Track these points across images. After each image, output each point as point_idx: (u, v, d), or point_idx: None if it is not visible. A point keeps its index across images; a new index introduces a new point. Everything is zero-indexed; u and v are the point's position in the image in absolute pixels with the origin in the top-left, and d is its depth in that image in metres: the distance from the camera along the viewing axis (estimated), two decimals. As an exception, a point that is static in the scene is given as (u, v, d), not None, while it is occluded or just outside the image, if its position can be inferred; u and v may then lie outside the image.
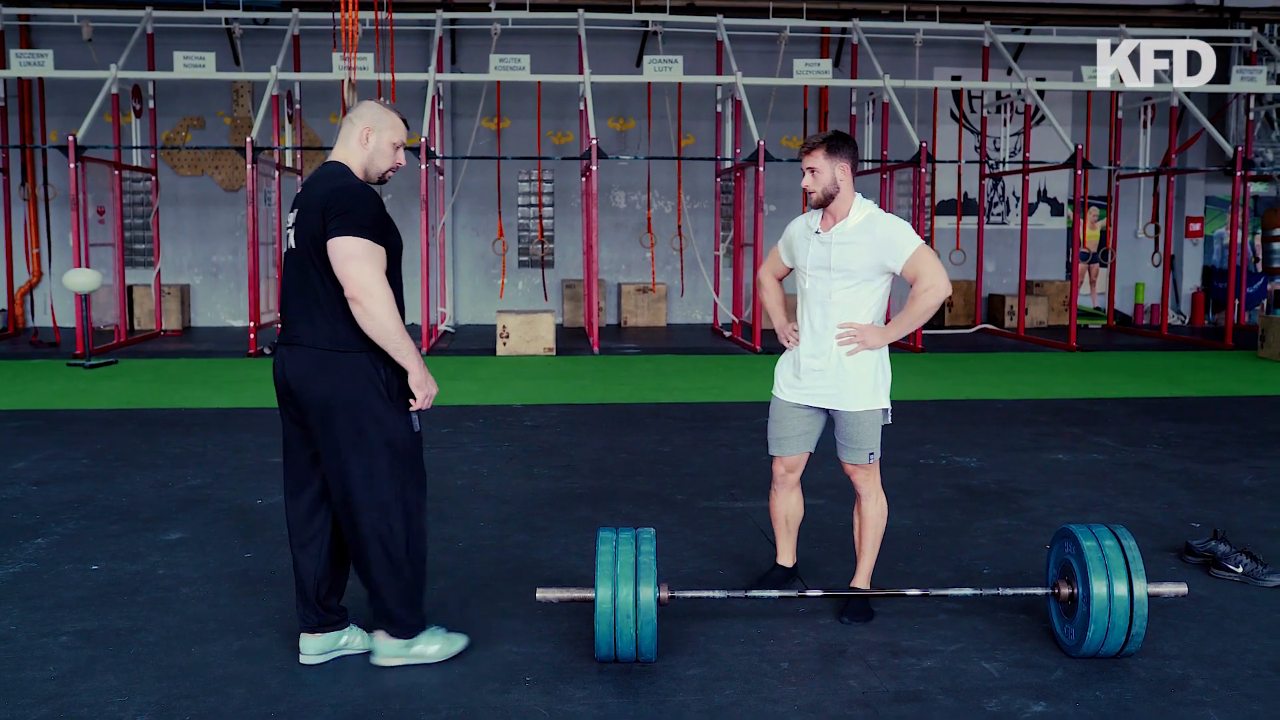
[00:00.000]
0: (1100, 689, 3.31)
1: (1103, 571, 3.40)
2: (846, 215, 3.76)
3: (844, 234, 3.74)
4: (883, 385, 3.84)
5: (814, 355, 3.82)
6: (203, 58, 12.89)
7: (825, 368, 3.79)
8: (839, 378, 3.78)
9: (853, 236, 3.73)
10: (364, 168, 3.40)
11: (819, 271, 3.79)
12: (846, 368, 3.76)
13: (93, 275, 10.91)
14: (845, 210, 3.77)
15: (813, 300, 3.83)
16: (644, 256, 15.82)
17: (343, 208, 3.19)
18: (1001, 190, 16.71)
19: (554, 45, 15.25)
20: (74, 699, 3.20)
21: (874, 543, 3.97)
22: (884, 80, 13.54)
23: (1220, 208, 16.64)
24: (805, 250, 3.86)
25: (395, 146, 3.42)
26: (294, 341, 3.32)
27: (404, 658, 3.45)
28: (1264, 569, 4.32)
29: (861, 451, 3.85)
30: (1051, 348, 13.11)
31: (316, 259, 3.24)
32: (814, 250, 3.81)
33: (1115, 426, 7.80)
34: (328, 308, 3.25)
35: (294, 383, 3.31)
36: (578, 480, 6.07)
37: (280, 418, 3.47)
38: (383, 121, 3.39)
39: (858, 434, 3.83)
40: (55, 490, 5.75)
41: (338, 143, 3.44)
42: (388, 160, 3.43)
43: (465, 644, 3.55)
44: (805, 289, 3.87)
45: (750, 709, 3.17)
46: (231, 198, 15.52)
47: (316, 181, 3.34)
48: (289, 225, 3.37)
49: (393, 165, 3.46)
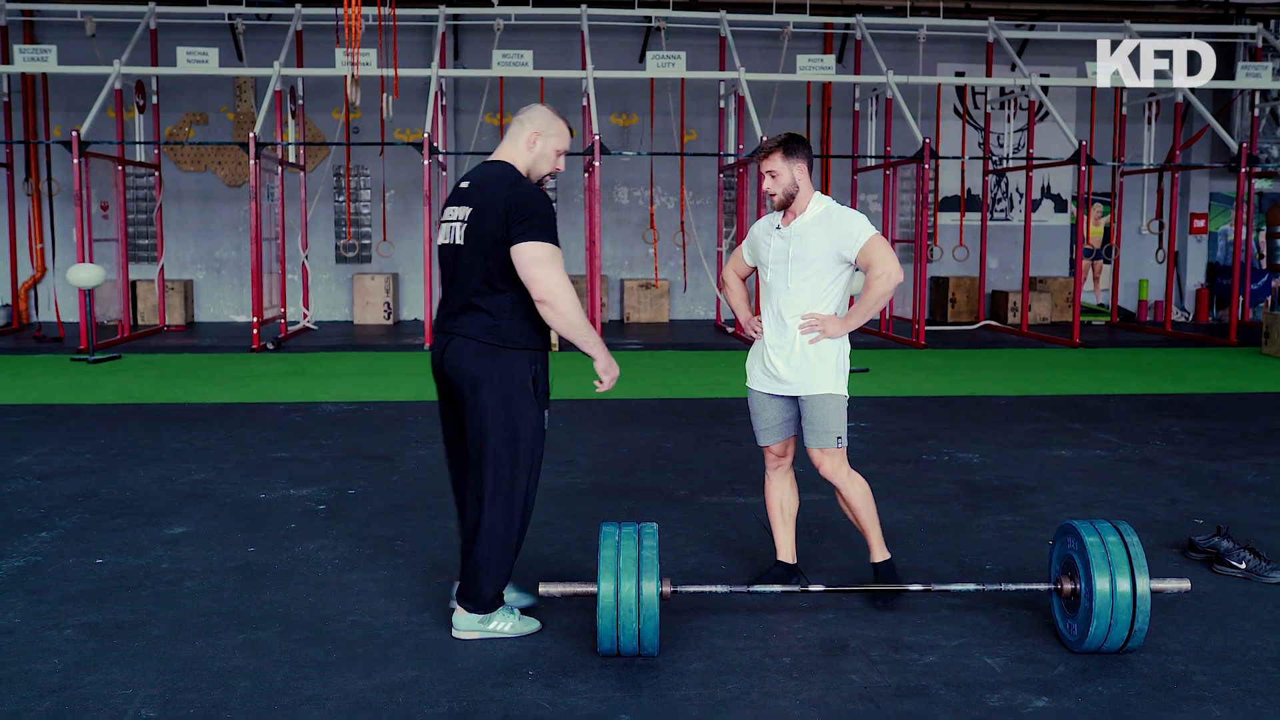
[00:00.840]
0: (1103, 684, 3.32)
1: (1105, 567, 3.40)
2: (805, 210, 3.93)
3: (802, 227, 3.91)
4: (845, 372, 3.97)
5: (777, 346, 3.95)
6: (206, 53, 12.89)
7: (789, 357, 3.92)
8: (802, 365, 3.90)
9: (810, 229, 3.89)
10: (527, 169, 3.60)
11: (779, 265, 3.95)
12: (809, 355, 3.89)
13: (96, 270, 10.92)
14: (804, 206, 3.93)
15: (775, 292, 3.98)
16: (646, 252, 15.82)
17: (526, 213, 3.42)
18: (1005, 186, 16.69)
19: (557, 41, 15.24)
20: (78, 691, 3.21)
21: (871, 517, 4.05)
22: (887, 76, 13.52)
23: (1225, 204, 16.61)
24: (768, 246, 4.01)
25: (558, 153, 3.62)
26: (455, 333, 3.54)
27: (480, 632, 3.62)
28: (1267, 565, 4.31)
29: (829, 434, 3.91)
30: (1055, 344, 13.10)
31: (493, 259, 3.46)
32: (775, 245, 3.97)
33: (1118, 423, 7.79)
34: (495, 305, 3.49)
35: (449, 368, 3.56)
36: (580, 476, 6.08)
37: (439, 402, 3.75)
38: (550, 129, 3.60)
39: (823, 417, 3.91)
40: (59, 484, 5.76)
41: (505, 141, 3.63)
42: (549, 165, 3.62)
43: (537, 628, 3.70)
44: (768, 282, 4.02)
45: (752, 703, 3.18)
46: (235, 193, 15.53)
47: (489, 182, 3.53)
48: (455, 220, 3.55)
49: (553, 170, 3.64)
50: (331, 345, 12.66)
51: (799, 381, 3.91)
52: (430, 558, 4.53)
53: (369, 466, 6.24)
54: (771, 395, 4.03)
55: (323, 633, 3.70)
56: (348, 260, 15.79)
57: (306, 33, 14.75)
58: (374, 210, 15.75)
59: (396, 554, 4.59)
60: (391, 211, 15.51)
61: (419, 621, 3.80)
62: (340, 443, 6.94)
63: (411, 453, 6.63)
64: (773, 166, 3.90)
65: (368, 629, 3.73)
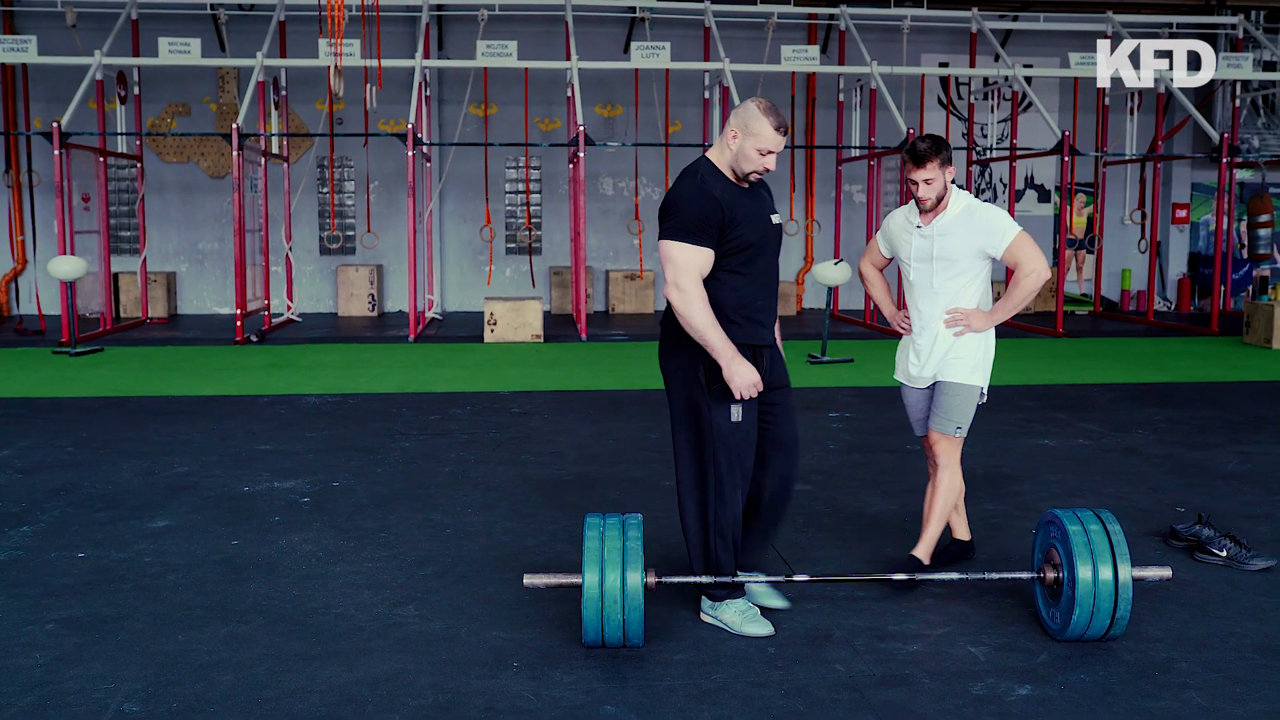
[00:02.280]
0: (1085, 672, 3.33)
1: (1088, 556, 3.42)
2: (946, 208, 3.96)
3: (944, 226, 3.94)
4: (983, 366, 4.07)
5: (922, 340, 4.08)
6: (188, 44, 12.81)
7: (932, 349, 4.04)
8: (945, 354, 4.02)
9: (952, 228, 3.93)
10: (730, 166, 3.55)
11: (922, 264, 4.01)
12: (951, 346, 4.01)
13: (78, 263, 10.86)
14: (945, 204, 3.96)
15: (918, 290, 4.05)
16: (632, 243, 15.80)
17: (671, 210, 3.50)
18: (989, 177, 16.73)
19: (541, 31, 15.20)
20: (60, 686, 3.19)
21: (940, 516, 4.13)
22: (871, 67, 13.53)
23: (1206, 194, 16.69)
24: (907, 244, 4.06)
25: (760, 153, 3.49)
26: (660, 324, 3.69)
27: (711, 618, 3.69)
28: (1247, 553, 4.34)
29: (950, 423, 4.05)
30: (1038, 334, 13.15)
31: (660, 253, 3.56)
32: (916, 244, 4.02)
33: (1101, 412, 7.83)
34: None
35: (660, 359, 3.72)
36: (565, 466, 6.08)
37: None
38: (750, 128, 3.48)
39: (949, 404, 4.04)
40: (41, 478, 5.73)
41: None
42: (751, 165, 3.52)
43: (765, 633, 3.60)
44: (911, 280, 4.08)
45: (737, 693, 3.18)
46: (217, 185, 15.45)
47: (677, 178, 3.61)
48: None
49: (758, 169, 3.53)
50: (315, 337, 12.62)
51: (939, 368, 4.05)
52: (414, 550, 4.52)
53: (353, 459, 6.23)
54: (918, 389, 4.17)
55: (307, 625, 3.69)
56: (331, 252, 15.73)
57: (289, 23, 14.66)
58: (358, 202, 15.69)
59: (381, 546, 4.58)
60: (375, 203, 15.46)
61: (403, 614, 3.80)
62: (324, 435, 6.92)
63: (396, 445, 6.62)
64: (930, 175, 3.88)
65: (352, 621, 3.73)
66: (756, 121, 3.47)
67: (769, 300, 3.64)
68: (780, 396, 3.73)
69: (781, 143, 3.49)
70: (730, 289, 3.53)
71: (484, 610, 3.83)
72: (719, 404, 3.53)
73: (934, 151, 3.87)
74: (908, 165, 3.93)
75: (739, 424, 3.55)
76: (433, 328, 13.61)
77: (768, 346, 3.64)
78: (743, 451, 3.59)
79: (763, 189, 3.66)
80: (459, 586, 4.08)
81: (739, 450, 3.58)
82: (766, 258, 3.60)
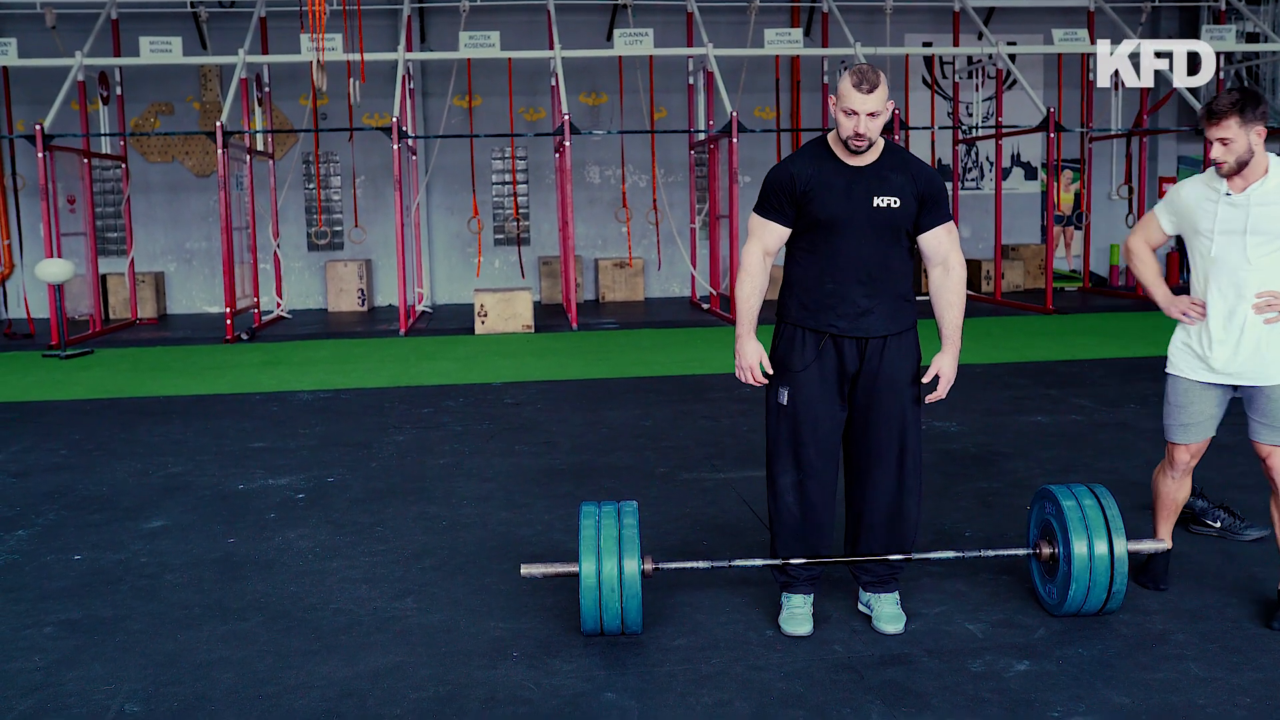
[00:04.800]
0: (1082, 646, 3.35)
1: (1083, 531, 3.43)
2: (1264, 174, 3.44)
3: (1264, 195, 3.43)
4: None
5: (1226, 327, 3.52)
6: (169, 42, 12.74)
7: (1240, 340, 3.51)
8: (1257, 350, 3.49)
9: (1273, 197, 3.42)
10: (836, 135, 3.46)
11: (1232, 236, 3.47)
12: (1265, 338, 3.48)
13: (65, 265, 10.81)
14: (1261, 170, 3.44)
15: (1226, 267, 3.50)
16: (620, 231, 15.77)
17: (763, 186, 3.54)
18: (975, 155, 16.73)
19: (523, 21, 15.14)
20: (60, 689, 3.19)
21: None
22: (855, 48, 13.50)
23: (1193, 167, 16.70)
24: (1211, 214, 3.51)
25: (845, 113, 3.32)
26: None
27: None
28: (1241, 523, 4.36)
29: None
30: (1028, 311, 13.18)
31: None
32: (1224, 214, 3.48)
33: (1093, 388, 7.85)
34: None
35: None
36: (559, 456, 6.08)
37: None
38: (839, 92, 3.34)
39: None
40: (34, 481, 5.71)
41: None
42: (844, 129, 3.35)
43: (802, 632, 3.47)
44: (1212, 255, 3.52)
45: (736, 677, 3.19)
46: (203, 183, 15.39)
47: None
48: None
49: (849, 133, 3.34)
50: (306, 334, 12.59)
51: (1254, 369, 3.50)
52: (411, 543, 4.53)
53: (347, 454, 6.22)
54: (1207, 385, 3.64)
55: (305, 621, 3.69)
56: (320, 248, 15.68)
57: (270, 19, 14.59)
58: (345, 197, 15.64)
59: (377, 540, 4.58)
60: (362, 197, 15.42)
61: (402, 607, 3.80)
62: (317, 431, 6.91)
63: (389, 439, 6.61)
64: (1227, 133, 3.36)
65: (351, 616, 3.73)
66: (842, 83, 3.34)
67: (844, 287, 3.40)
68: (886, 401, 3.54)
69: (863, 101, 3.25)
70: (801, 268, 3.48)
71: (482, 601, 3.83)
72: (775, 384, 3.52)
73: (1234, 107, 3.34)
74: (1203, 121, 3.44)
75: (784, 406, 3.48)
76: (423, 321, 13.59)
77: (850, 338, 3.44)
78: (793, 439, 3.48)
79: (889, 170, 3.42)
80: (456, 578, 4.09)
81: (788, 436, 3.49)
82: (847, 240, 3.38)
